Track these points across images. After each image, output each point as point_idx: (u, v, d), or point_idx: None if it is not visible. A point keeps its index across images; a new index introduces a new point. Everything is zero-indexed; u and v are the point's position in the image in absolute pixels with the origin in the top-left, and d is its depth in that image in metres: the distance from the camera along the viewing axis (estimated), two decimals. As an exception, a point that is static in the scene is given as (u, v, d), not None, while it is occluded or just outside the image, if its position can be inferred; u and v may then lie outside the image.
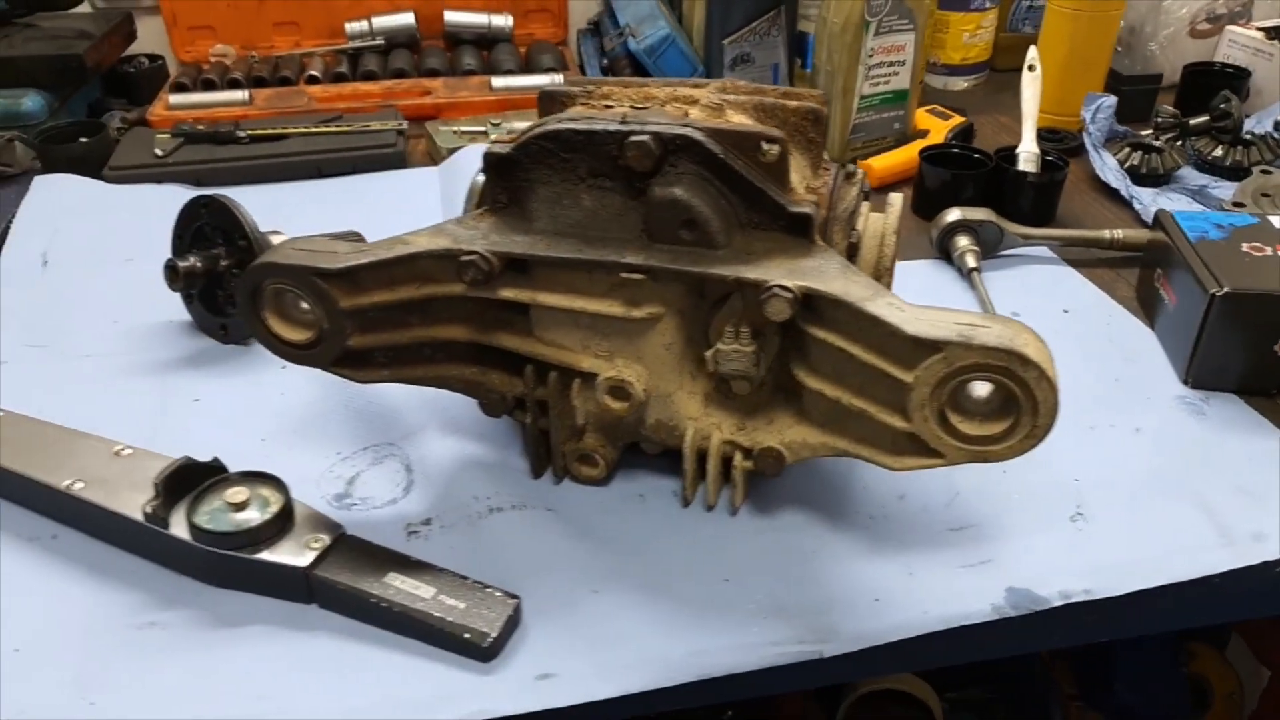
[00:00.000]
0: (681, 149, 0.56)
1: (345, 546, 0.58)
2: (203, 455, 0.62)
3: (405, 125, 1.14)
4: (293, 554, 0.57)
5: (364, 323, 0.60)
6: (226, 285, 0.79)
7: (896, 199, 0.64)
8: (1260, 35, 1.26)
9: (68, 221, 0.99)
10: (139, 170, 1.06)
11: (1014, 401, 0.50)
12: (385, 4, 1.36)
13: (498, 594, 0.56)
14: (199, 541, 0.57)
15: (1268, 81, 1.23)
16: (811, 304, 0.54)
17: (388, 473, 0.67)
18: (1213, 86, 1.24)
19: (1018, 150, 1.04)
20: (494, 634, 0.53)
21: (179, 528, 0.58)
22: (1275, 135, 1.13)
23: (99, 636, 0.55)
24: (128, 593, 0.58)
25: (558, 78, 1.25)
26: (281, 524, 0.58)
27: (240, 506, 0.58)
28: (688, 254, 0.57)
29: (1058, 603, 0.57)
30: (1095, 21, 1.17)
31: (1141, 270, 0.89)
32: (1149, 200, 1.03)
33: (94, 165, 1.07)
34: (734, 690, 0.54)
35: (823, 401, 0.58)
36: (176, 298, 0.85)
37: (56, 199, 1.02)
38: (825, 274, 0.54)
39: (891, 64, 1.11)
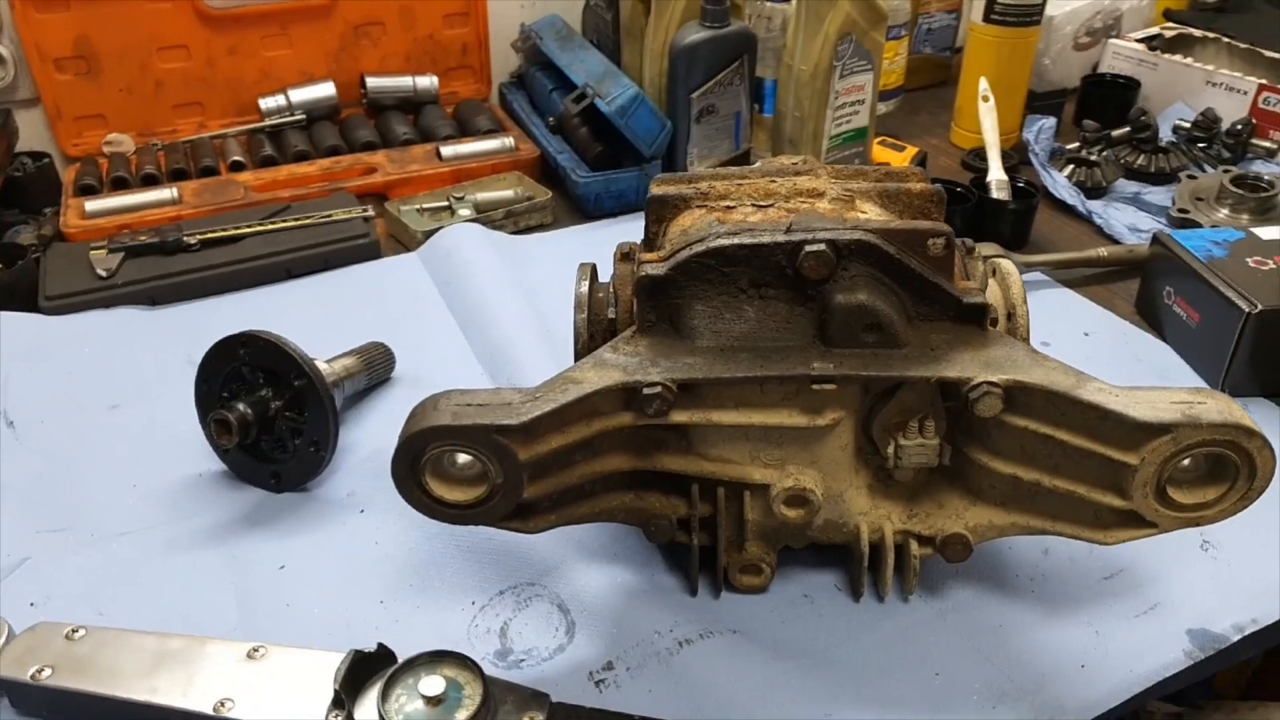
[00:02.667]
0: (856, 253, 0.55)
1: (563, 717, 0.53)
2: (319, 634, 0.56)
3: (372, 212, 1.06)
4: (514, 740, 0.52)
5: (536, 471, 0.55)
6: (278, 430, 0.71)
7: (1009, 266, 0.66)
8: (1141, 46, 1.38)
9: (17, 368, 0.85)
10: (83, 297, 0.93)
11: (1227, 467, 0.52)
12: (295, 75, 1.26)
13: (738, 739, 0.53)
14: (407, 747, 0.51)
15: (1156, 89, 1.35)
16: (1010, 395, 0.55)
17: (540, 616, 0.63)
18: (1106, 97, 1.35)
19: (988, 179, 1.09)
20: (762, 787, 0.51)
21: (373, 736, 0.51)
22: (1185, 141, 1.25)
23: None
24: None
25: (507, 140, 1.21)
26: (487, 708, 0.52)
27: (438, 700, 0.52)
28: (872, 356, 0.56)
29: (1235, 638, 0.61)
30: (1016, 47, 1.24)
31: (1143, 287, 0.96)
32: (1102, 212, 1.11)
33: (22, 297, 0.93)
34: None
35: (1008, 483, 0.58)
36: (197, 449, 0.76)
37: (-8, 343, 0.89)
38: (1019, 364, 0.55)
39: (853, 103, 1.13)
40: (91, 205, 1.05)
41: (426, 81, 1.30)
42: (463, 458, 0.55)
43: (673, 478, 0.60)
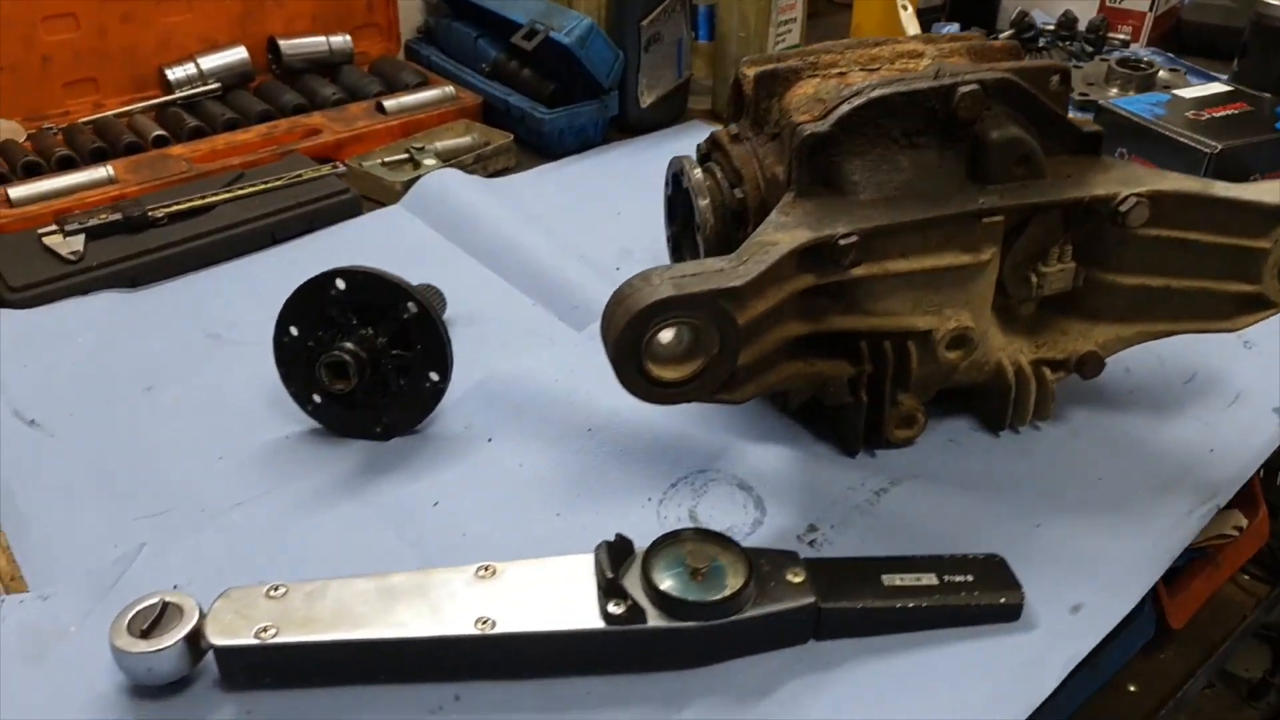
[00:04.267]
0: (999, 92, 0.58)
1: (815, 569, 0.54)
2: (513, 556, 0.54)
3: (343, 168, 1.00)
4: (790, 594, 0.52)
5: (746, 338, 0.55)
6: (382, 371, 0.66)
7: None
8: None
9: (10, 367, 0.74)
10: (55, 284, 0.82)
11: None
12: (196, 43, 1.15)
13: (974, 558, 0.56)
14: (693, 619, 0.50)
15: (1017, -3, 1.49)
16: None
17: (724, 497, 0.62)
18: (973, 5, 1.48)
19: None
20: (1023, 590, 0.53)
21: (653, 618, 0.50)
22: (1052, 40, 1.38)
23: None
24: (617, 715, 0.49)
25: (448, 89, 1.16)
26: (753, 573, 0.52)
27: (697, 571, 0.51)
28: (1023, 187, 0.60)
29: (1308, 407, 0.70)
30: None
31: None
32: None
33: (-29, 293, 0.81)
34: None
35: (1132, 296, 0.64)
36: (272, 412, 0.70)
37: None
38: (1148, 178, 0.60)
39: (788, 21, 1.18)
40: (16, 192, 0.92)
41: (340, 40, 1.22)
42: (666, 336, 0.54)
43: (838, 342, 0.62)
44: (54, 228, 0.87)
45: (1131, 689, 0.83)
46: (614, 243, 0.92)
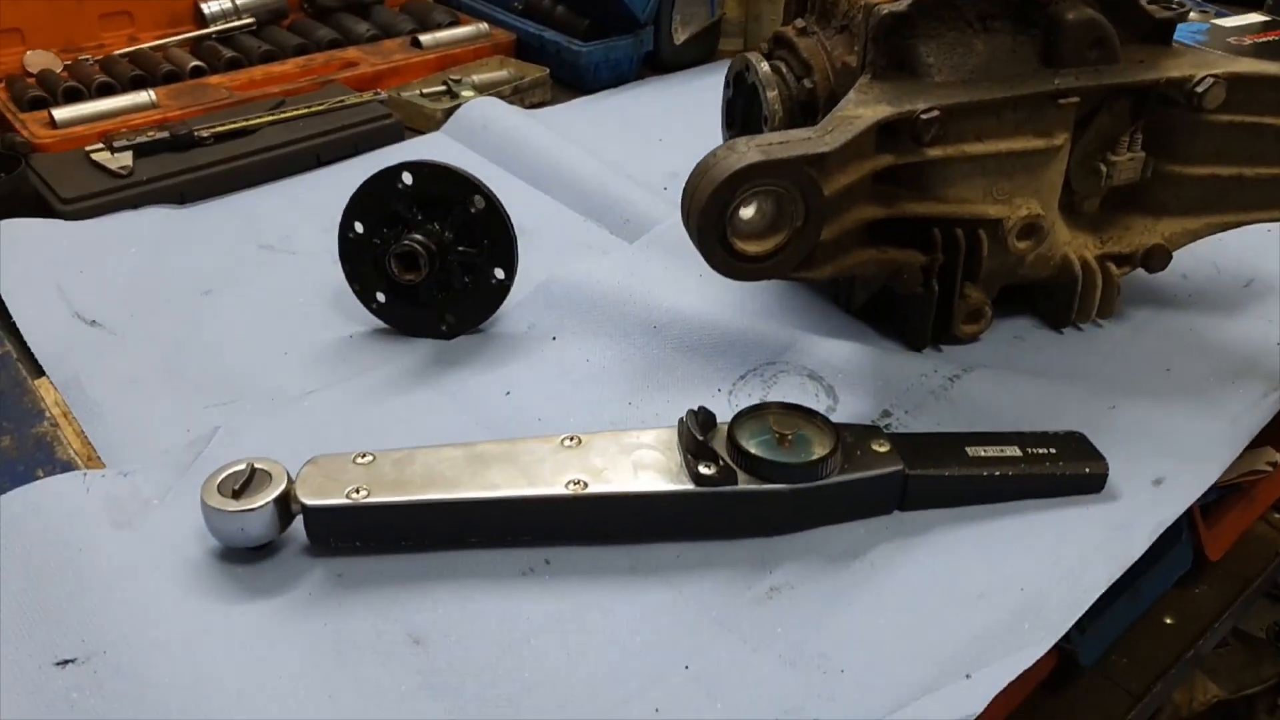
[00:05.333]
0: (1075, -27, 0.58)
1: (899, 441, 0.54)
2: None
3: (383, 94, 0.99)
4: (876, 462, 0.52)
5: (828, 211, 0.55)
6: (449, 266, 0.66)
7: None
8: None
9: (66, 274, 0.74)
10: (106, 198, 0.81)
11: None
12: (229, -23, 1.14)
13: (1056, 433, 0.56)
14: (782, 481, 0.50)
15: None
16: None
17: (795, 387, 0.62)
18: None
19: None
20: (1106, 461, 0.54)
21: (743, 481, 0.50)
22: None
23: (700, 631, 0.47)
24: (707, 577, 0.49)
25: (482, 26, 1.16)
26: (840, 441, 0.52)
27: (784, 437, 0.51)
28: (1096, 72, 0.60)
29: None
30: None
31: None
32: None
33: (25, 204, 0.81)
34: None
35: (1200, 187, 0.64)
36: (336, 312, 0.70)
37: (24, 252, 0.76)
38: (1223, 61, 0.61)
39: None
40: (61, 114, 0.91)
41: (373, -22, 1.22)
42: (747, 212, 0.54)
43: (911, 230, 0.62)
44: (100, 145, 0.86)
45: (1168, 621, 0.84)
46: (659, 166, 0.91)
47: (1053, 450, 0.54)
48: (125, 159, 0.85)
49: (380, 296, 0.68)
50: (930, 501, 0.53)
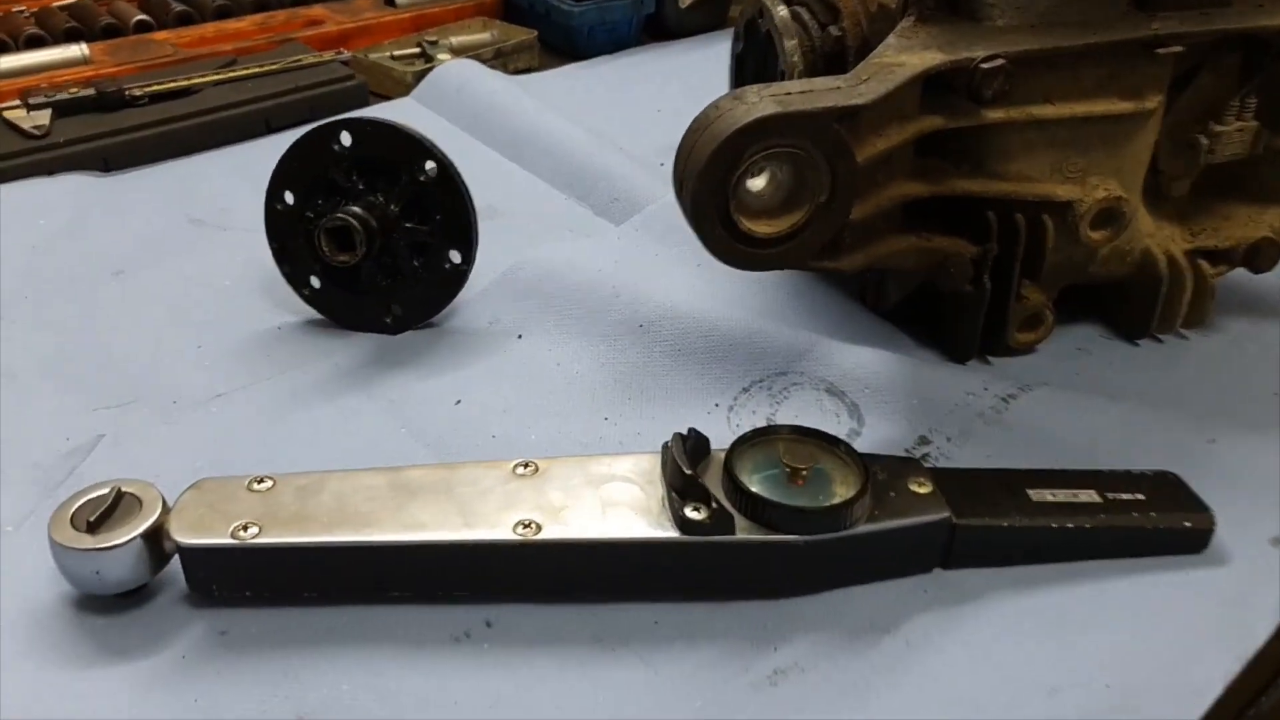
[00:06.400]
0: (1171, -103, 0.47)
1: (944, 480, 0.42)
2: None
3: (346, 54, 0.88)
4: (915, 507, 0.40)
5: (860, 188, 0.44)
6: (394, 247, 0.55)
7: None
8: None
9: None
10: (16, 160, 0.70)
11: None
12: (188, -75, 1.03)
13: (1143, 474, 0.44)
14: (794, 531, 0.38)
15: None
16: (1347, 48, 0.48)
17: (809, 404, 0.51)
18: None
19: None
20: (1211, 511, 0.42)
21: (743, 529, 0.39)
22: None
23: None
24: (692, 653, 0.38)
25: (466, -16, 1.04)
26: (868, 481, 0.40)
27: (797, 473, 0.40)
28: (1204, 15, 0.48)
29: None
30: None
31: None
32: None
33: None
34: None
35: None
36: (260, 299, 0.59)
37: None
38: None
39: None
40: (-20, 66, 0.81)
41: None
42: (756, 181, 0.43)
43: (960, 216, 0.50)
44: (16, 103, 0.75)
45: None
46: (656, 139, 0.79)
47: (1140, 496, 0.42)
48: (42, 118, 0.74)
49: (314, 281, 0.57)
50: (983, 559, 0.41)
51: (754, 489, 0.39)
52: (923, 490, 0.41)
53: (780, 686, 0.37)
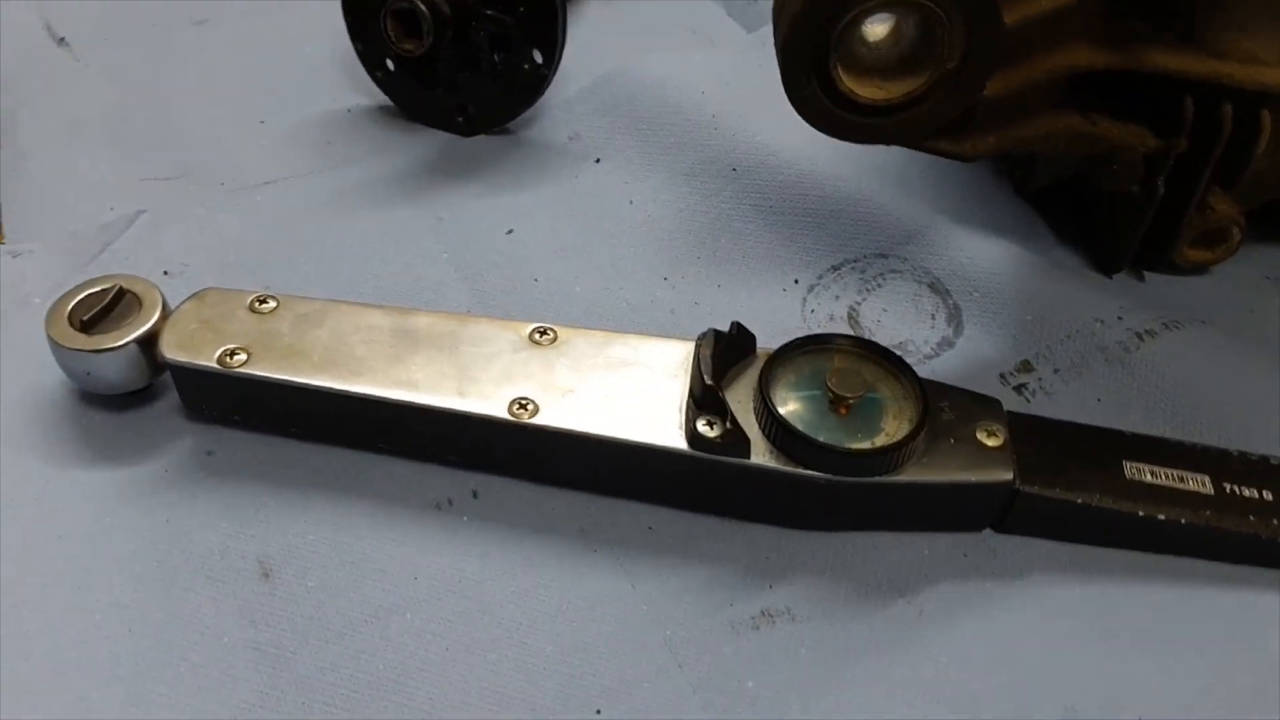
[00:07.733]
0: None
1: (1022, 430, 0.35)
2: (592, 321, 0.38)
3: None
4: (974, 462, 0.34)
5: (1006, 53, 0.34)
6: (473, 39, 0.48)
7: None
8: None
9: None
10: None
11: None
12: None
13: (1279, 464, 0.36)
14: (819, 469, 0.33)
15: None
16: None
17: (904, 298, 0.44)
18: None
19: None
20: (1355, 530, 0.34)
21: (760, 454, 0.34)
22: None
23: (638, 653, 0.32)
24: (677, 572, 0.34)
25: None
26: (925, 419, 0.34)
27: (842, 400, 0.34)
28: None
29: None
30: None
31: None
32: None
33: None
34: None
35: None
36: (338, 74, 0.55)
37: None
38: None
39: None
40: None
41: None
42: (880, 28, 0.34)
43: (1144, 94, 0.39)
44: None
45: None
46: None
47: (1269, 496, 0.34)
48: None
49: (389, 63, 0.51)
50: (1044, 529, 0.35)
51: (785, 413, 0.33)
52: (991, 442, 0.34)
53: (762, 630, 0.33)
